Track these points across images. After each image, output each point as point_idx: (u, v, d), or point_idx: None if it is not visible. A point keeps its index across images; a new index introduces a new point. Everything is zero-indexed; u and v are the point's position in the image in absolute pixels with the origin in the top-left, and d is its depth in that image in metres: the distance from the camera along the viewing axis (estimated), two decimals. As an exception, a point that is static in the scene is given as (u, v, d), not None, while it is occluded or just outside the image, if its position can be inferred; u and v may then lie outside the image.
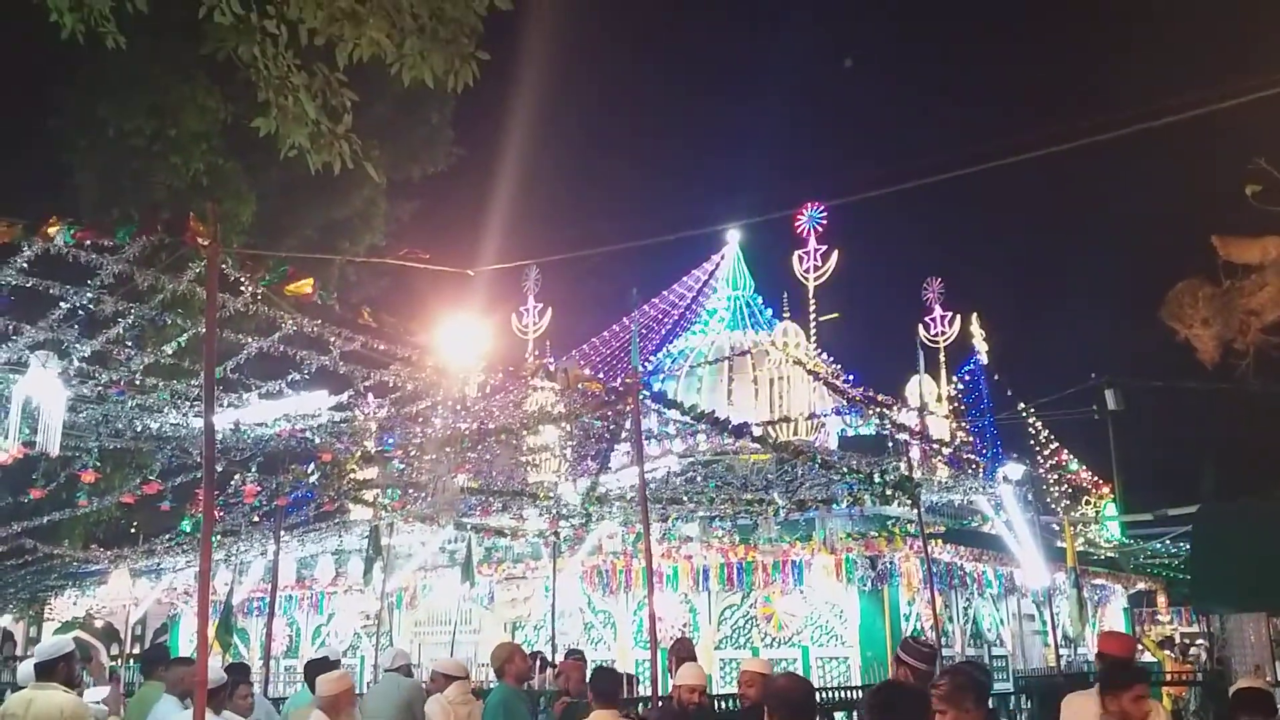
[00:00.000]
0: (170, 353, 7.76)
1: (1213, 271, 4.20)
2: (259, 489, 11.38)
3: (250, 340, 7.60)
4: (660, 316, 23.94)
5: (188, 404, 8.60)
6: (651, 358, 22.98)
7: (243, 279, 6.23)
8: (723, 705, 8.08)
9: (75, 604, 22.46)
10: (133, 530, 18.20)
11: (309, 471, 10.94)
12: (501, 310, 21.64)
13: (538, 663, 10.26)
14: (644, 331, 23.43)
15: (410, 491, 13.10)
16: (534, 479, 13.54)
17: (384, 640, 18.94)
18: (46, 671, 5.65)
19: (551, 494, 12.95)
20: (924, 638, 11.33)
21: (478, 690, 7.89)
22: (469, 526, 15.32)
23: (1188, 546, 20.15)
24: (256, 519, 14.74)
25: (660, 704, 7.20)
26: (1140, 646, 21.11)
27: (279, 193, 15.25)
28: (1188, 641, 20.86)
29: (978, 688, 4.06)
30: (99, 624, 24.32)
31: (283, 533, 15.91)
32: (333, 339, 7.27)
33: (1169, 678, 15.87)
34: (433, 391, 9.05)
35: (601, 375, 11.72)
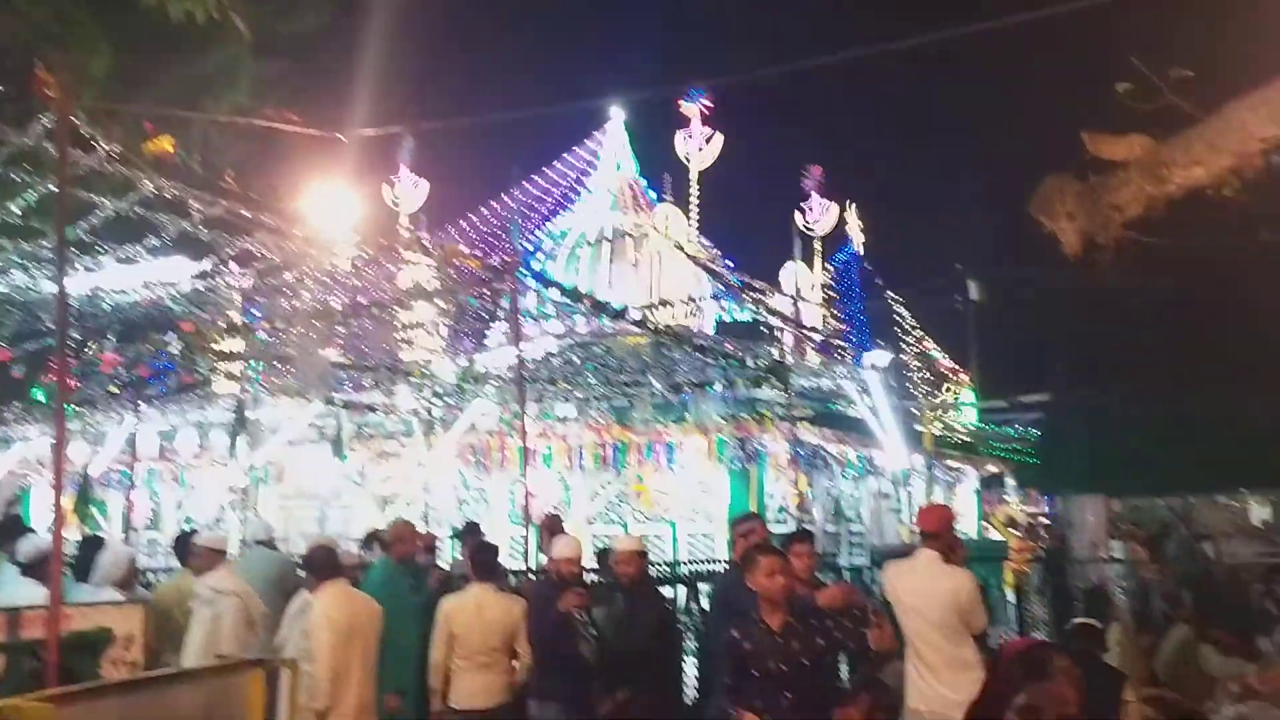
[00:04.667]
0: (18, 212, 7.23)
1: (1081, 168, 4.28)
2: (118, 358, 10.89)
3: (106, 201, 7.14)
4: (541, 194, 23.52)
5: (38, 266, 8.08)
6: (531, 236, 22.64)
7: (96, 135, 5.82)
8: (595, 578, 8.27)
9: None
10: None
11: (169, 342, 10.49)
12: (373, 181, 20.88)
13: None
14: (523, 210, 23.00)
15: (277, 365, 12.76)
16: (408, 356, 13.32)
17: (249, 514, 18.70)
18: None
19: (426, 372, 12.79)
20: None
21: (359, 565, 7.82)
22: (340, 403, 15.08)
23: (1038, 432, 21.36)
24: (116, 390, 14.18)
25: (539, 577, 7.32)
26: (988, 525, 22.42)
27: (135, 45, 14.20)
28: (1031, 521, 22.18)
29: None
30: (-55, 496, 23.30)
31: (143, 404, 15.42)
32: (194, 203, 6.88)
33: (1013, 554, 16.89)
34: (301, 262, 8.73)
35: (479, 253, 11.51)
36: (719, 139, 21.24)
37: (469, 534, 11.15)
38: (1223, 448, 13.75)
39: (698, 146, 21.41)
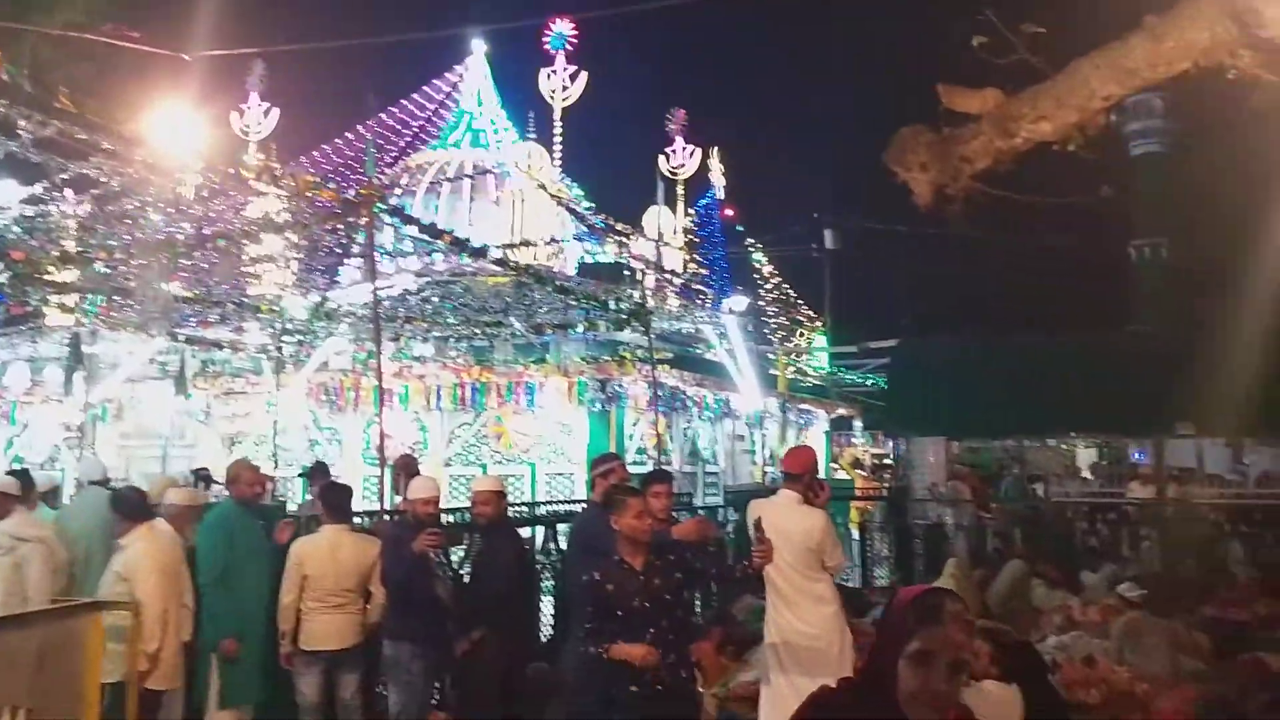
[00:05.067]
0: None
1: (936, 119, 4.37)
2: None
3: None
4: (398, 127, 22.84)
5: None
6: (387, 170, 21.98)
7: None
8: (452, 519, 8.20)
9: None
10: None
11: (-5, 271, 9.80)
12: (221, 107, 19.84)
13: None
14: (380, 142, 22.29)
15: (116, 298, 12.08)
16: (257, 291, 12.80)
17: (87, 453, 17.82)
18: None
19: (276, 307, 12.33)
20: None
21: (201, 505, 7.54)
22: (184, 338, 14.43)
23: (884, 377, 22.15)
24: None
25: (395, 518, 7.21)
26: (835, 466, 23.21)
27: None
28: (876, 461, 23.10)
29: None
30: None
31: (-34, 338, 14.44)
32: (23, 122, 6.39)
33: (859, 494, 17.58)
34: (142, 189, 8.24)
35: (334, 185, 11.09)
36: (584, 77, 20.97)
37: (317, 474, 10.92)
38: (1054, 395, 14.51)
39: (561, 84, 21.10)
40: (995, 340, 17.58)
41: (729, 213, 24.30)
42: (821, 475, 7.39)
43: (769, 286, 25.26)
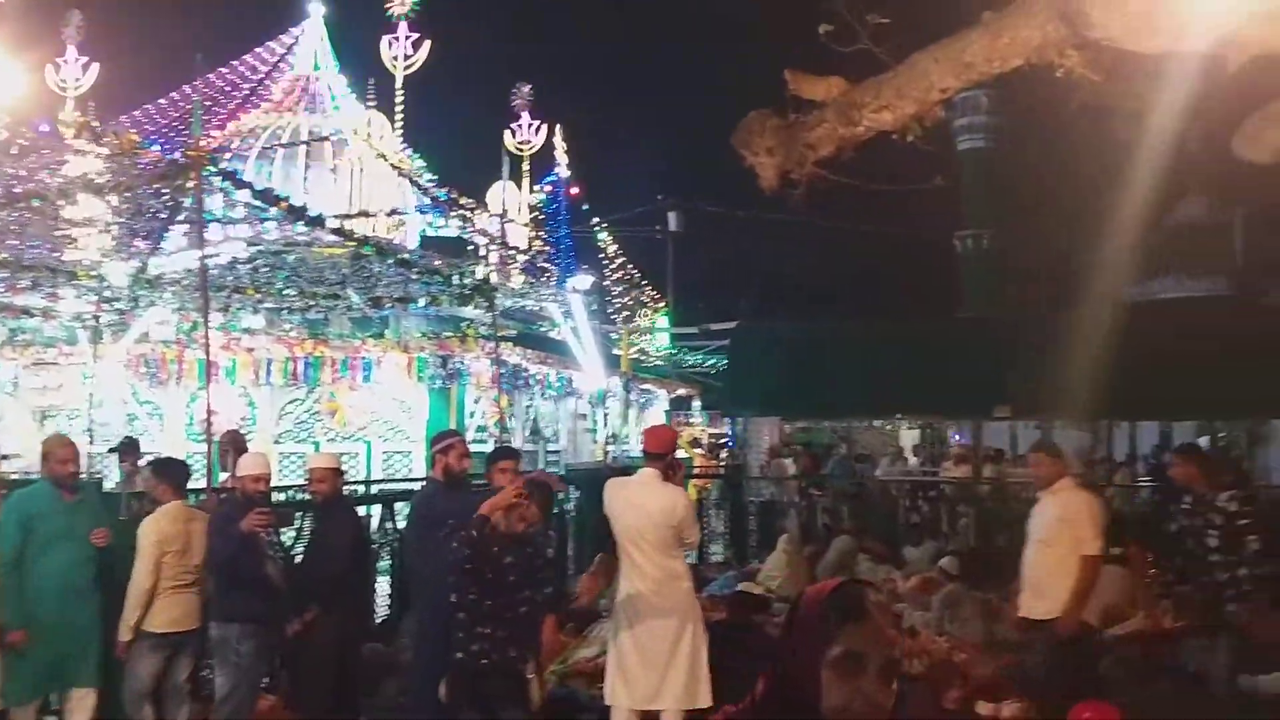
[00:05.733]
0: None
1: (783, 104, 4.44)
2: None
3: None
4: (229, 89, 21.75)
5: None
6: (217, 133, 20.92)
7: None
8: (284, 497, 7.93)
9: None
10: None
11: None
12: (35, 58, 18.48)
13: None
14: (209, 104, 21.16)
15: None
16: (73, 256, 11.99)
17: None
18: None
19: (94, 273, 11.59)
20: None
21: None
22: (-11, 305, 13.44)
23: (724, 358, 22.60)
24: None
25: (223, 495, 6.91)
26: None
27: None
28: (713, 441, 23.58)
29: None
30: None
31: None
32: None
33: (697, 471, 17.89)
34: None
35: (159, 145, 10.49)
36: (427, 45, 20.49)
37: (128, 451, 10.41)
38: (883, 378, 15.13)
39: (404, 52, 20.55)
40: (828, 325, 18.23)
41: (575, 191, 24.25)
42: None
43: (614, 266, 25.36)
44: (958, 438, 22.50)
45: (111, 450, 11.73)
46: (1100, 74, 3.47)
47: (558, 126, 24.08)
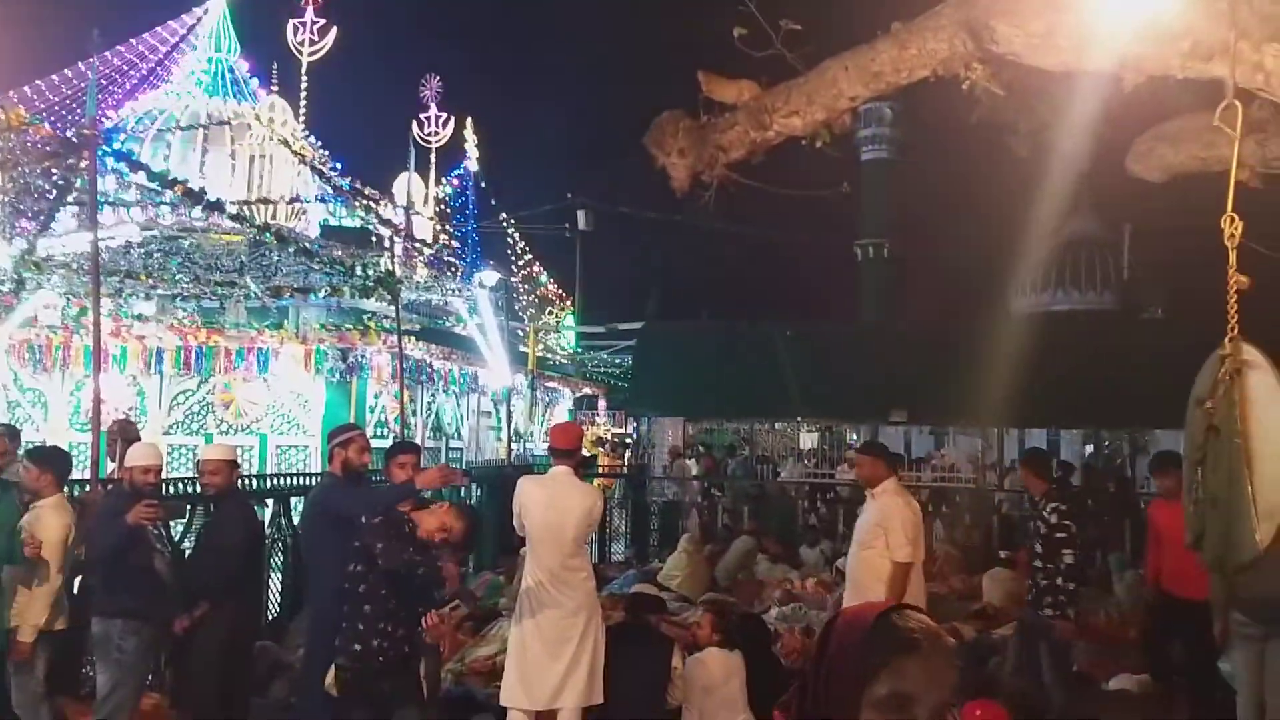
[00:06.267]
0: None
1: (696, 106, 4.46)
2: None
3: None
4: (126, 68, 20.99)
5: None
6: (112, 113, 20.18)
7: None
8: (174, 489, 7.67)
9: None
10: None
11: None
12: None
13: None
14: (105, 83, 20.39)
15: None
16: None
17: None
18: None
19: (-25, 253, 11.08)
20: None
21: None
22: None
23: (629, 358, 22.68)
24: None
25: (110, 486, 6.66)
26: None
27: None
28: (617, 440, 23.61)
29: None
30: None
31: None
32: None
33: (601, 470, 17.91)
34: None
35: (50, 123, 10.06)
36: (334, 32, 20.10)
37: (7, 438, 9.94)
38: (783, 381, 15.41)
39: (309, 38, 20.12)
40: (732, 327, 18.45)
41: (483, 185, 24.03)
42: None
43: (521, 263, 25.21)
44: (856, 440, 22.95)
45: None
46: (1002, 89, 3.57)
47: (467, 120, 23.87)
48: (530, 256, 25.36)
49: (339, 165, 19.27)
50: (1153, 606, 7.26)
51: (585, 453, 21.14)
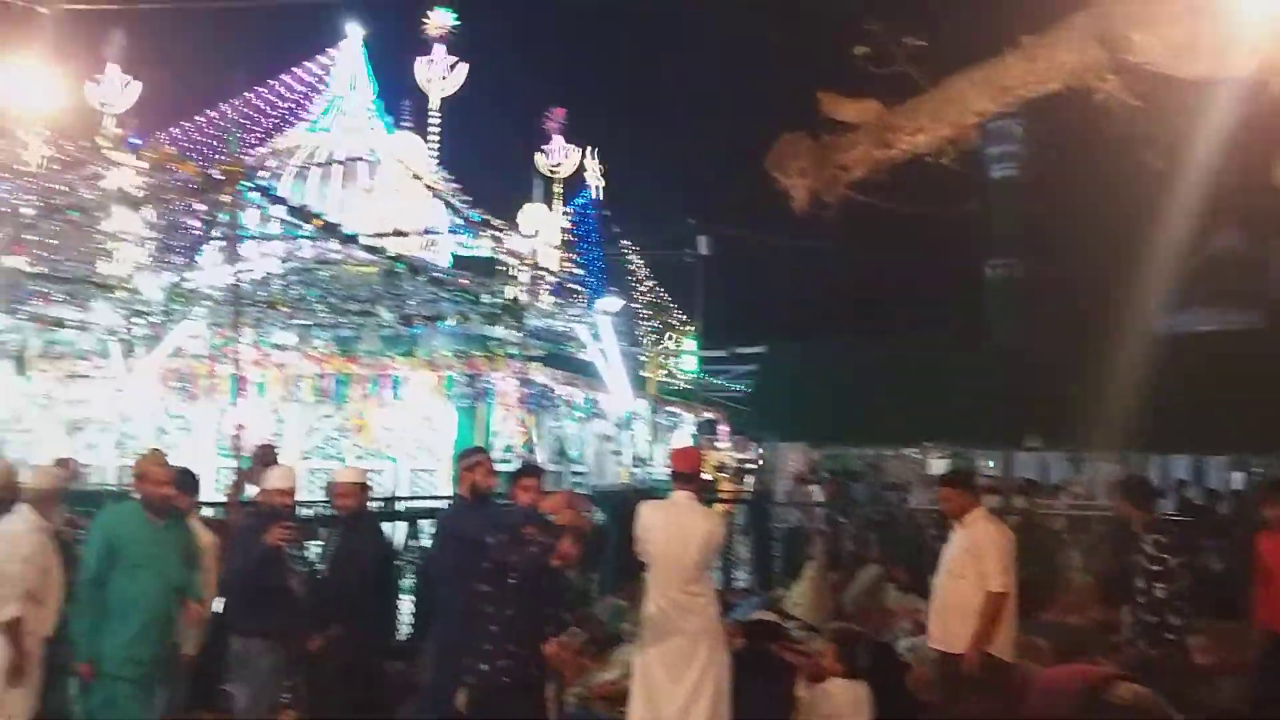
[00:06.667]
0: None
1: (816, 126, 4.42)
2: None
3: None
4: (267, 108, 21.99)
5: None
6: (252, 151, 21.16)
7: None
8: (310, 512, 7.95)
9: None
10: None
11: None
12: (77, 72, 18.77)
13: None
14: (246, 122, 21.41)
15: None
16: (108, 269, 12.13)
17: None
18: None
19: (127, 287, 11.71)
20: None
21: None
22: (24, 315, 13.58)
23: (751, 382, 22.52)
24: None
25: (251, 508, 6.93)
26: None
27: None
28: (739, 465, 23.45)
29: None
30: None
31: None
32: None
33: (723, 496, 17.80)
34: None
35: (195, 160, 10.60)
36: (463, 69, 20.68)
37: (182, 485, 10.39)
38: (911, 405, 15.06)
39: (440, 74, 20.75)
40: (858, 351, 18.16)
41: (605, 213, 24.35)
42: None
43: (643, 289, 25.38)
44: (990, 467, 22.28)
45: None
46: (1138, 99, 3.44)
47: (589, 149, 24.21)
48: (652, 282, 25.51)
49: (470, 198, 19.81)
50: (1261, 650, 6.80)
51: (706, 477, 21.11)
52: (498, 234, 15.71)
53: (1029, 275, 46.57)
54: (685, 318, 26.22)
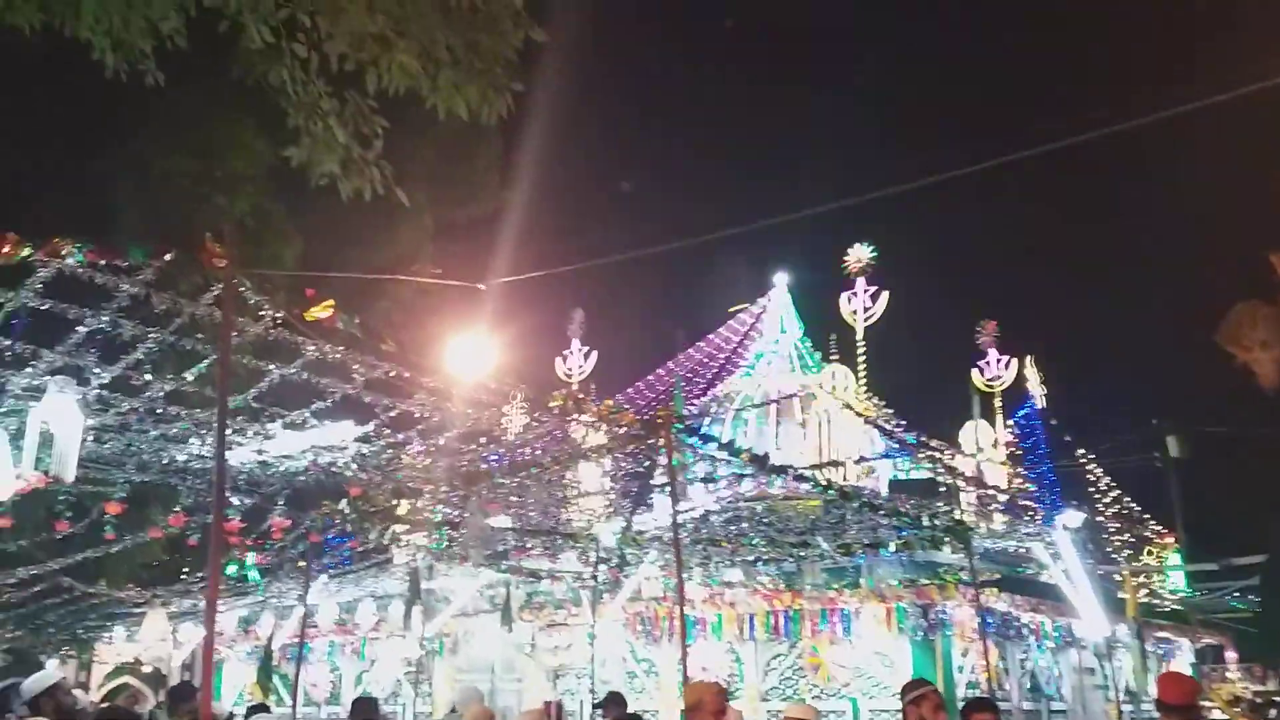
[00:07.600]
0: (191, 379, 7.65)
1: (1269, 291, 3.86)
2: (289, 523, 11.22)
3: (273, 367, 7.49)
4: (705, 360, 23.69)
5: (210, 433, 8.48)
6: (696, 401, 22.70)
7: (264, 303, 6.14)
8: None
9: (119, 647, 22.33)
10: (184, 573, 18.03)
11: (340, 508, 10.76)
12: (546, 355, 21.52)
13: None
14: (689, 376, 23.14)
15: (449, 531, 12.87)
16: (569, 519, 13.25)
17: (424, 688, 18.63)
18: (35, 707, 5.54)
19: (588, 534, 12.66)
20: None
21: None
22: (505, 568, 15.05)
23: (1257, 598, 19.35)
24: (302, 562, 14.58)
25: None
26: (1208, 703, 20.15)
27: (323, 235, 15.25)
28: (1260, 699, 19.86)
29: None
30: (147, 669, 24.15)
31: (323, 575, 15.77)
32: (356, 366, 7.13)
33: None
34: (463, 423, 8.88)
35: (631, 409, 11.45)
36: (884, 296, 21.01)
37: (612, 705, 10.73)
38: None
39: (863, 305, 21.21)
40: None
41: (1053, 422, 22.88)
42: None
43: (1107, 500, 23.15)
44: None
45: (596, 706, 12.27)
46: None
47: (1028, 358, 23.18)
48: (1118, 492, 23.25)
49: (904, 421, 19.60)
50: None
51: (1220, 715, 18.02)
52: (935, 454, 15.22)
53: None
54: (1161, 529, 23.43)
